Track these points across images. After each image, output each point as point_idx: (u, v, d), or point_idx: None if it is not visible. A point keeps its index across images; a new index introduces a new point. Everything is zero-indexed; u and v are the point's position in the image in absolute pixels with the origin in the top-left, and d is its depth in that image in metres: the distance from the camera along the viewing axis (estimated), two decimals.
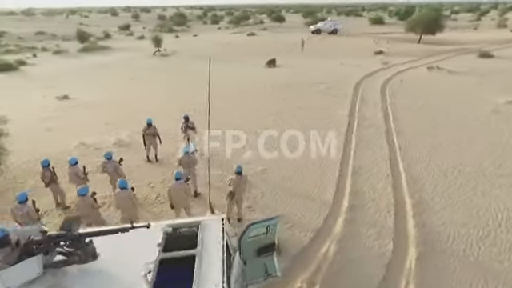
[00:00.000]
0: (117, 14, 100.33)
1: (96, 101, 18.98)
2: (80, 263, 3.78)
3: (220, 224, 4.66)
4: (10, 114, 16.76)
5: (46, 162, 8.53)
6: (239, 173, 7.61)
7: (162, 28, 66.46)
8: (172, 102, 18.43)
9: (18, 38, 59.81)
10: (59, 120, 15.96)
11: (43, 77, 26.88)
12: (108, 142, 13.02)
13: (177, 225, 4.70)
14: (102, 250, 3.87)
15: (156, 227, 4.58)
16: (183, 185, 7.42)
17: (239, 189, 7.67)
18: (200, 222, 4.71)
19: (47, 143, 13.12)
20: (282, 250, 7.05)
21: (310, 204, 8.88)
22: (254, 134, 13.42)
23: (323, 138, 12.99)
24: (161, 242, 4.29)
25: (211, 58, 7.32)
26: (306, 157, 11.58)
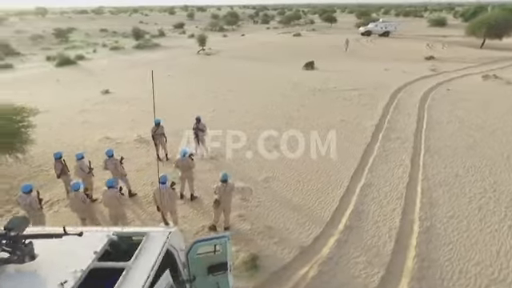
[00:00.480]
0: (174, 13, 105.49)
1: (131, 96, 20.03)
2: (17, 263, 3.93)
3: (164, 238, 4.56)
4: (53, 105, 18.68)
5: (58, 155, 9.14)
6: (224, 181, 7.47)
7: (213, 27, 68.37)
8: (197, 100, 18.80)
9: (86, 34, 65.68)
10: (95, 113, 17.14)
11: (94, 71, 29.16)
12: (129, 137, 13.66)
13: (124, 233, 4.69)
14: (43, 252, 3.99)
15: (103, 234, 4.63)
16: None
17: (224, 197, 7.52)
18: (146, 233, 4.66)
19: (77, 135, 14.15)
20: (260, 265, 6.80)
21: (304, 219, 8.43)
22: (254, 135, 13.35)
23: (339, 149, 12.33)
24: (99, 251, 4.31)
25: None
26: (315, 168, 11.04)
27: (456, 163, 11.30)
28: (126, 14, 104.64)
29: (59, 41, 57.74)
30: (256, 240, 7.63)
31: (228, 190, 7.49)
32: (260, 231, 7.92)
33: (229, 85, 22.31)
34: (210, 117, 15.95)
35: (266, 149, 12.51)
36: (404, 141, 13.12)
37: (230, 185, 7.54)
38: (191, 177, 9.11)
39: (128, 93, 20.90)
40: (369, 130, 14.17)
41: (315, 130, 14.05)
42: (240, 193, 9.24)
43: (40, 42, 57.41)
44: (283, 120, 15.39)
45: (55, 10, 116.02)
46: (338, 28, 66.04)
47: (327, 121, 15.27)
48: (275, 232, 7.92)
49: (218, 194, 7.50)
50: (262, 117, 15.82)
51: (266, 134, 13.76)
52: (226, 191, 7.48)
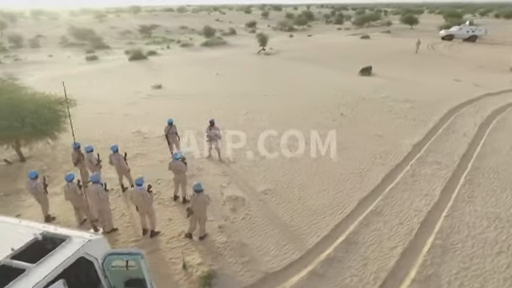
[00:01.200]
0: (250, 12, 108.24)
1: (178, 93, 21.05)
2: None
3: (78, 245, 4.59)
4: (109, 96, 20.62)
5: (76, 145, 9.99)
6: (197, 191, 7.30)
7: (282, 26, 68.26)
8: (234, 100, 18.86)
9: (166, 31, 71.23)
10: (139, 107, 18.43)
11: (157, 66, 31.45)
12: (158, 133, 14.30)
13: (50, 234, 4.86)
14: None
15: (32, 231, 4.86)
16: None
17: (197, 207, 7.36)
18: (69, 237, 4.76)
19: (115, 126, 15.39)
20: (213, 284, 6.51)
21: (285, 242, 7.81)
22: (274, 141, 12.65)
23: (359, 168, 11.18)
24: (17, 248, 4.53)
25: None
26: (323, 185, 10.18)
27: (500, 203, 9.33)
28: (206, 13, 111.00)
29: (143, 36, 63.69)
30: (225, 256, 7.32)
31: (199, 200, 7.31)
32: (233, 247, 7.58)
33: (272, 87, 21.97)
34: (242, 119, 15.94)
35: (280, 156, 12.00)
36: (443, 167, 11.31)
37: (202, 195, 7.34)
38: (184, 180, 9.15)
39: (177, 89, 22.00)
40: (404, 149, 12.58)
41: (341, 145, 12.98)
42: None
43: (127, 37, 63.98)
44: (312, 128, 14.52)
45: (147, 8, 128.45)
46: (418, 30, 60.18)
47: (360, 134, 13.99)
48: (248, 250, 7.49)
49: (191, 203, 7.37)
50: (290, 123, 15.16)
51: (286, 141, 13.21)
52: (197, 201, 7.31)
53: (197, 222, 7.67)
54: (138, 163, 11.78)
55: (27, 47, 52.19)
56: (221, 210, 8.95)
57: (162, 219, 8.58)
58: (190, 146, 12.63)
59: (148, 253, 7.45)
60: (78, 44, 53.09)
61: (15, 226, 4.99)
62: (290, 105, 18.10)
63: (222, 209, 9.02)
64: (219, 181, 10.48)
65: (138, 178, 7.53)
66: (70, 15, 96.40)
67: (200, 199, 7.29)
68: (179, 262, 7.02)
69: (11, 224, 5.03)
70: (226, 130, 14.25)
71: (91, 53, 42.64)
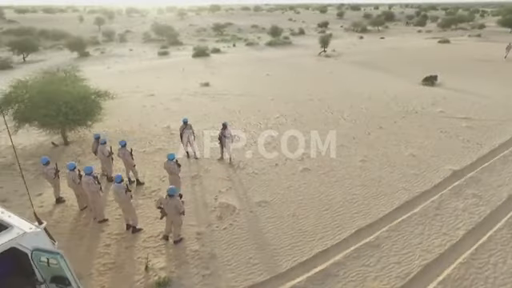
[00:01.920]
0: (325, 11, 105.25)
1: (223, 92, 21.43)
2: None
3: (12, 236, 4.89)
4: (160, 91, 21.99)
5: (96, 136, 10.86)
6: (169, 195, 7.28)
7: (355, 27, 64.96)
8: (272, 104, 18.47)
9: (238, 29, 73.42)
10: (181, 103, 19.27)
11: (215, 64, 32.57)
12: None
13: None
14: None
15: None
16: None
17: (169, 210, 7.35)
18: (11, 226, 5.11)
19: (150, 120, 16.35)
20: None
21: (258, 261, 7.33)
22: (291, 149, 11.91)
23: (376, 190, 9.99)
24: None
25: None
26: (325, 205, 9.33)
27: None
28: (281, 12, 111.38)
29: (215, 34, 66.67)
30: (190, 265, 7.18)
31: (171, 204, 7.28)
32: (202, 257, 7.40)
33: (318, 91, 20.99)
34: (271, 123, 15.59)
35: (292, 167, 11.39)
36: (482, 202, 9.46)
37: (174, 200, 7.30)
38: (176, 180, 9.26)
39: (223, 88, 22.43)
40: (440, 175, 10.86)
41: (367, 162, 11.78)
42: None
43: (202, 34, 67.63)
44: (339, 138, 13.50)
45: (226, 7, 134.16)
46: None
47: (392, 152, 12.51)
48: (215, 263, 7.24)
49: (163, 206, 7.38)
50: (319, 130, 14.28)
51: (303, 150, 12.49)
52: (168, 205, 7.29)
53: (171, 224, 7.67)
54: (155, 158, 12.31)
55: (116, 41, 58.60)
56: (207, 216, 8.84)
57: (151, 217, 8.80)
58: (200, 146, 12.76)
59: (125, 247, 7.74)
60: (157, 40, 57.93)
61: None
62: (329, 111, 17.10)
63: (209, 215, 8.91)
64: (219, 185, 10.37)
65: (117, 175, 7.82)
66: (158, 13, 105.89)
67: (171, 203, 7.26)
68: (145, 262, 7.11)
69: None
70: (252, 132, 14.18)
71: (165, 48, 46.13)
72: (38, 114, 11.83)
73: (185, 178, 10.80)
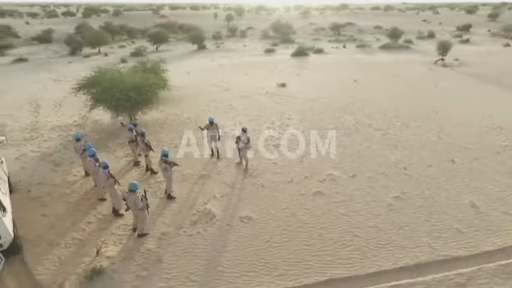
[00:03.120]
0: (474, 12, 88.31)
1: (297, 95, 20.59)
2: None
3: None
4: (238, 86, 22.68)
5: (130, 126, 11.86)
6: (129, 190, 7.49)
7: (506, 32, 52.64)
8: (340, 115, 16.77)
9: (359, 30, 69.29)
10: (249, 102, 19.41)
11: (308, 65, 31.61)
12: (231, 129, 14.84)
13: None
14: None
15: None
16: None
17: (129, 205, 7.58)
18: None
19: (208, 114, 17.05)
20: (95, 280, 6.72)
21: (198, 278, 6.89)
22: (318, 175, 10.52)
23: (381, 239, 8.04)
24: None
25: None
26: (308, 242, 8.02)
27: None
28: (415, 12, 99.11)
29: (332, 33, 64.65)
30: (133, 262, 7.28)
31: (130, 199, 7.48)
32: (149, 257, 7.40)
33: (400, 106, 18.02)
34: (314, 138, 14.30)
35: (306, 187, 10.17)
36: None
37: (134, 195, 7.48)
38: (168, 177, 9.45)
39: (299, 91, 21.54)
40: (494, 243, 7.94)
41: (401, 200, 9.57)
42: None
43: (319, 33, 66.62)
44: (382, 167, 11.34)
45: (354, 6, 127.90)
46: None
47: (446, 195, 9.78)
48: (157, 268, 7.13)
49: (126, 200, 7.64)
50: (364, 158, 12.33)
51: (326, 173, 10.95)
52: (129, 199, 7.51)
53: (135, 218, 7.92)
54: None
55: (237, 37, 63.23)
56: (184, 219, 8.77)
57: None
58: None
59: (99, 229, 8.41)
60: (273, 37, 59.88)
61: None
62: (393, 130, 14.54)
63: (186, 218, 8.82)
64: (218, 190, 10.12)
65: (102, 162, 8.49)
66: (285, 11, 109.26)
67: (131, 199, 7.47)
68: (98, 247, 7.58)
69: None
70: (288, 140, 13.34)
71: (274, 46, 47.34)
72: (103, 98, 13.90)
73: (194, 175, 10.99)
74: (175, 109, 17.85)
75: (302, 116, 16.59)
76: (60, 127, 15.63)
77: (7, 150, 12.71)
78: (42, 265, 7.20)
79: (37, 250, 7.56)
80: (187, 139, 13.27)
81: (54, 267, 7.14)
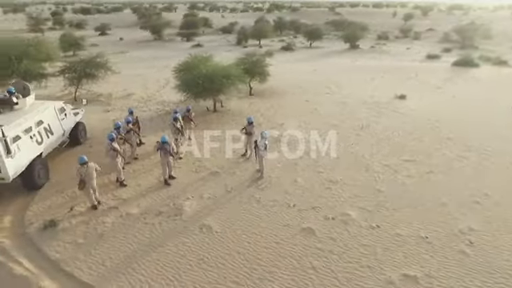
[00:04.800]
0: None
1: (415, 112, 16.78)
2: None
3: None
4: (345, 91, 20.35)
5: (175, 116, 12.52)
6: (83, 163, 8.26)
7: None
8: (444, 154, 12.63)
9: None
10: (342, 108, 17.24)
11: (467, 78, 24.76)
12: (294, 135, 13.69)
13: None
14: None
15: None
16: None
17: (87, 178, 8.28)
18: None
19: (283, 112, 16.22)
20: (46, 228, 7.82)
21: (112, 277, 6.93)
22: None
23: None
24: None
25: None
26: (265, 274, 6.62)
27: None
28: None
29: None
30: (83, 229, 7.99)
31: (90, 170, 8.25)
32: (91, 232, 7.90)
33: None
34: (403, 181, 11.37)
35: (301, 220, 8.36)
36: None
37: (91, 166, 8.26)
38: (163, 163, 9.72)
39: (418, 107, 17.34)
40: None
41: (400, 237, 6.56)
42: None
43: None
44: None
45: None
46: None
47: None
48: (93, 242, 7.59)
49: (83, 176, 8.23)
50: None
51: (331, 217, 8.53)
52: (88, 172, 8.23)
53: (91, 191, 8.55)
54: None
55: (409, 38, 56.16)
56: (156, 206, 8.86)
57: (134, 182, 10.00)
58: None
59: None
60: (455, 41, 49.80)
61: None
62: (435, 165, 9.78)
63: (158, 206, 8.87)
64: (210, 191, 9.66)
65: (109, 133, 9.50)
66: (492, 10, 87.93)
67: (90, 170, 8.33)
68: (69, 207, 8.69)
69: None
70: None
71: (446, 52, 39.55)
72: (185, 82, 15.44)
73: (207, 169, 10.84)
74: (262, 103, 17.87)
75: (389, 141, 13.37)
76: (165, 103, 18.19)
77: (112, 112, 16.12)
78: (39, 202, 8.92)
79: (45, 192, 9.38)
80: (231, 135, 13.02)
81: (43, 207, 8.72)
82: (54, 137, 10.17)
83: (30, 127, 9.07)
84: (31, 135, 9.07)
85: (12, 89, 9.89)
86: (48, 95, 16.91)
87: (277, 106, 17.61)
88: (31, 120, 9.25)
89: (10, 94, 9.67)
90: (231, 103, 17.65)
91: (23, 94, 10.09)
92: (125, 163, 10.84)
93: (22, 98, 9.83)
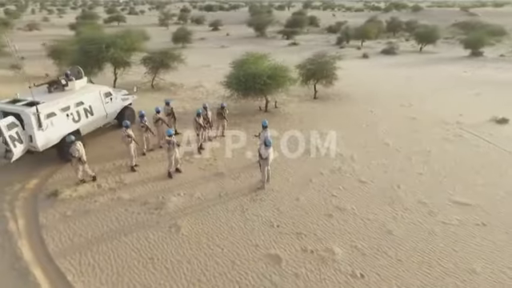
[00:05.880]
0: None
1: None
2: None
3: None
4: (427, 107, 17.29)
5: (198, 112, 12.31)
6: (71, 142, 9.09)
7: None
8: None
9: None
10: (413, 131, 14.62)
11: None
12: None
13: None
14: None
15: None
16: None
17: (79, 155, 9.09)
18: None
19: (329, 122, 14.64)
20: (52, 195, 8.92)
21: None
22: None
23: None
24: None
25: None
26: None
27: None
28: None
29: None
30: (80, 199, 8.80)
31: (79, 148, 9.17)
32: (82, 205, 8.62)
33: None
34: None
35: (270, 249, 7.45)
36: None
37: (75, 144, 9.09)
38: (167, 156, 9.88)
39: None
40: None
41: None
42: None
43: None
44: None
45: None
46: None
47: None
48: (77, 218, 8.30)
49: (78, 153, 9.10)
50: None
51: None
52: (76, 149, 9.04)
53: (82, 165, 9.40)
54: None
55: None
56: (145, 196, 9.11)
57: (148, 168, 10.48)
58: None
59: (107, 169, 10.49)
60: None
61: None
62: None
63: (148, 197, 9.10)
64: (202, 191, 9.37)
65: (124, 121, 10.12)
66: None
67: (75, 148, 9.11)
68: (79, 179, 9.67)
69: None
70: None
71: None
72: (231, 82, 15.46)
73: (213, 170, 10.59)
74: (319, 108, 16.59)
75: (448, 174, 10.71)
76: (224, 98, 18.66)
77: (173, 102, 17.28)
78: (63, 172, 10.23)
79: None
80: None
81: (62, 178, 9.97)
82: (93, 117, 11.48)
83: (67, 106, 10.46)
84: (68, 113, 10.46)
85: (69, 72, 11.63)
86: (127, 82, 19.29)
87: (332, 113, 16.06)
88: (71, 100, 10.67)
89: (67, 77, 11.39)
90: (290, 105, 16.95)
91: (77, 77, 11.74)
92: (147, 150, 11.59)
93: (75, 80, 11.44)
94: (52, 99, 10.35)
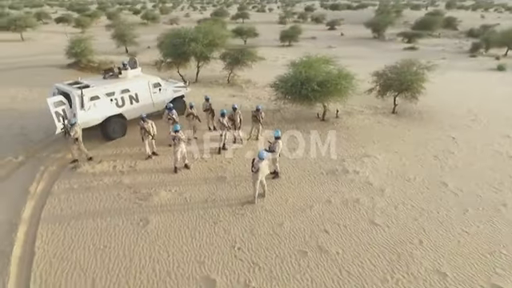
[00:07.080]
0: None
1: None
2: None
3: None
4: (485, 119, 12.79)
5: (221, 112, 11.74)
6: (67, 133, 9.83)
7: None
8: None
9: None
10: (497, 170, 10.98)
11: None
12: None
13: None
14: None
15: None
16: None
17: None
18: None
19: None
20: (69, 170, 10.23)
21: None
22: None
23: None
24: None
25: None
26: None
27: None
28: None
29: None
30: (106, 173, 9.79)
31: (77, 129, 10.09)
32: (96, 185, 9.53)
33: None
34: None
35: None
36: None
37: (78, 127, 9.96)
38: (173, 151, 9.97)
39: None
40: None
41: None
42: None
43: None
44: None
45: None
46: None
47: None
48: (83, 195, 9.26)
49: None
50: None
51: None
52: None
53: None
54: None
55: None
56: (142, 189, 9.44)
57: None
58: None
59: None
60: None
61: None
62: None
63: (140, 185, 9.42)
64: (192, 192, 9.14)
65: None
66: None
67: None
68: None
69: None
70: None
71: None
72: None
73: (219, 172, 10.21)
74: (388, 126, 14.13)
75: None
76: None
77: (237, 98, 17.43)
78: (97, 149, 11.50)
79: (110, 144, 11.89)
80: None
81: (93, 154, 11.21)
82: (138, 104, 12.56)
83: (112, 92, 11.73)
84: (112, 98, 11.73)
85: (125, 62, 13.03)
86: (207, 76, 20.45)
87: (400, 132, 13.37)
88: (117, 87, 11.93)
89: (124, 66, 12.81)
90: (358, 116, 15.05)
91: (132, 67, 13.06)
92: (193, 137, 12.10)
93: (129, 70, 12.76)
94: (101, 84, 11.80)
